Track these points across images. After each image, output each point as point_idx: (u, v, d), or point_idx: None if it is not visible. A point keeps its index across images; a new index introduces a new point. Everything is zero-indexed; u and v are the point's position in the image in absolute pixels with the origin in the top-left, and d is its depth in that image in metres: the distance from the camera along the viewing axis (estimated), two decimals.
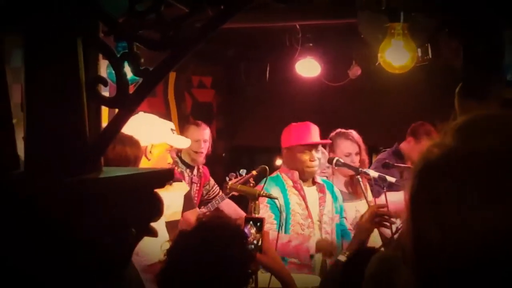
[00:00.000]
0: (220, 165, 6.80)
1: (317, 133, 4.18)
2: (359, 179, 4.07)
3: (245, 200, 3.33)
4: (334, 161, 4.23)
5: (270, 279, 2.93)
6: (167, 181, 1.34)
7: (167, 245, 2.13)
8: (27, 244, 1.16)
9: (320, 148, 4.23)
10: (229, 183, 3.30)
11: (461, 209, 0.86)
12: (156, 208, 1.28)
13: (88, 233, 1.17)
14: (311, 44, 5.87)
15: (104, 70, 2.85)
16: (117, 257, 1.24)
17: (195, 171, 5.08)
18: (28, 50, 1.22)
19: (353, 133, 4.56)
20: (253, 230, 2.63)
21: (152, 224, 1.31)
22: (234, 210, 4.89)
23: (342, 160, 4.28)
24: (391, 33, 4.36)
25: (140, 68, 1.24)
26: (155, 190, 1.30)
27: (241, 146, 7.72)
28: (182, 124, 6.00)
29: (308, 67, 6.04)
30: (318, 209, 4.04)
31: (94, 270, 1.20)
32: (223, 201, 4.86)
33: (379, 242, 3.87)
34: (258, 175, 3.80)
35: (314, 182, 4.15)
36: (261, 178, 3.69)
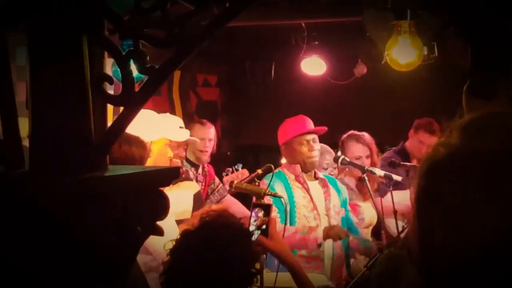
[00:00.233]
0: (225, 164, 6.79)
1: (311, 124, 4.15)
2: (365, 178, 4.06)
3: (249, 198, 3.32)
4: (340, 160, 4.23)
5: (276, 279, 2.93)
6: (173, 179, 1.34)
7: (170, 245, 2.13)
8: (28, 244, 1.15)
9: (317, 140, 4.17)
10: (235, 182, 3.29)
11: (463, 209, 0.86)
12: (162, 207, 1.28)
13: (92, 232, 1.16)
14: (317, 42, 5.86)
15: (109, 68, 2.85)
16: (122, 256, 1.24)
17: (200, 170, 5.07)
18: (33, 48, 1.22)
19: (366, 136, 4.54)
20: (261, 214, 2.64)
21: (161, 223, 1.30)
22: (239, 209, 4.88)
23: (348, 159, 4.27)
24: (398, 31, 4.36)
25: (146, 66, 1.23)
26: (161, 188, 1.29)
27: (246, 145, 7.71)
28: (187, 123, 5.97)
29: (314, 66, 6.04)
30: (324, 203, 4.03)
31: (98, 270, 1.19)
32: (229, 200, 4.85)
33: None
34: (263, 174, 3.79)
35: (317, 177, 4.15)
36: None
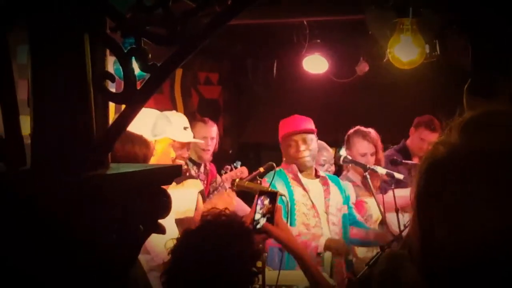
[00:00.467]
0: (227, 162, 6.78)
1: (303, 123, 4.13)
2: (367, 177, 4.06)
3: (250, 196, 3.32)
4: (342, 158, 4.22)
5: (278, 277, 2.93)
6: (175, 178, 1.33)
7: (171, 244, 2.13)
8: (28, 244, 1.15)
9: (314, 139, 4.14)
10: (236, 181, 3.29)
11: (463, 208, 0.86)
12: (164, 205, 1.28)
13: (93, 231, 1.16)
14: (319, 41, 5.86)
15: (111, 66, 2.84)
16: (124, 255, 1.24)
17: (202, 168, 5.07)
18: (34, 46, 1.21)
19: (372, 133, 4.52)
20: (267, 201, 2.65)
21: (161, 221, 1.30)
22: (241, 207, 4.88)
23: (350, 157, 4.27)
24: (400, 29, 4.36)
25: (148, 64, 1.23)
26: (163, 187, 1.29)
27: (248, 143, 7.71)
28: (189, 121, 5.97)
29: (316, 64, 6.03)
30: (323, 201, 4.05)
31: (99, 269, 1.19)
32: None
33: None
34: (265, 172, 3.79)
35: (317, 176, 4.15)
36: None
